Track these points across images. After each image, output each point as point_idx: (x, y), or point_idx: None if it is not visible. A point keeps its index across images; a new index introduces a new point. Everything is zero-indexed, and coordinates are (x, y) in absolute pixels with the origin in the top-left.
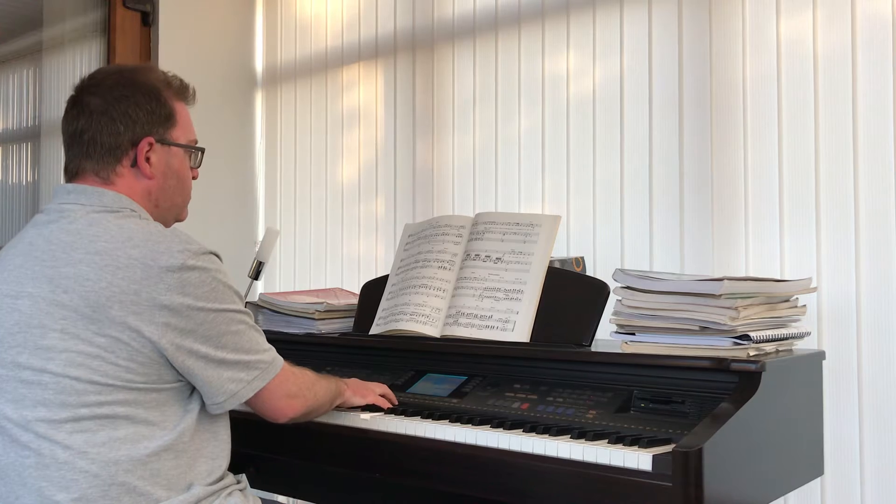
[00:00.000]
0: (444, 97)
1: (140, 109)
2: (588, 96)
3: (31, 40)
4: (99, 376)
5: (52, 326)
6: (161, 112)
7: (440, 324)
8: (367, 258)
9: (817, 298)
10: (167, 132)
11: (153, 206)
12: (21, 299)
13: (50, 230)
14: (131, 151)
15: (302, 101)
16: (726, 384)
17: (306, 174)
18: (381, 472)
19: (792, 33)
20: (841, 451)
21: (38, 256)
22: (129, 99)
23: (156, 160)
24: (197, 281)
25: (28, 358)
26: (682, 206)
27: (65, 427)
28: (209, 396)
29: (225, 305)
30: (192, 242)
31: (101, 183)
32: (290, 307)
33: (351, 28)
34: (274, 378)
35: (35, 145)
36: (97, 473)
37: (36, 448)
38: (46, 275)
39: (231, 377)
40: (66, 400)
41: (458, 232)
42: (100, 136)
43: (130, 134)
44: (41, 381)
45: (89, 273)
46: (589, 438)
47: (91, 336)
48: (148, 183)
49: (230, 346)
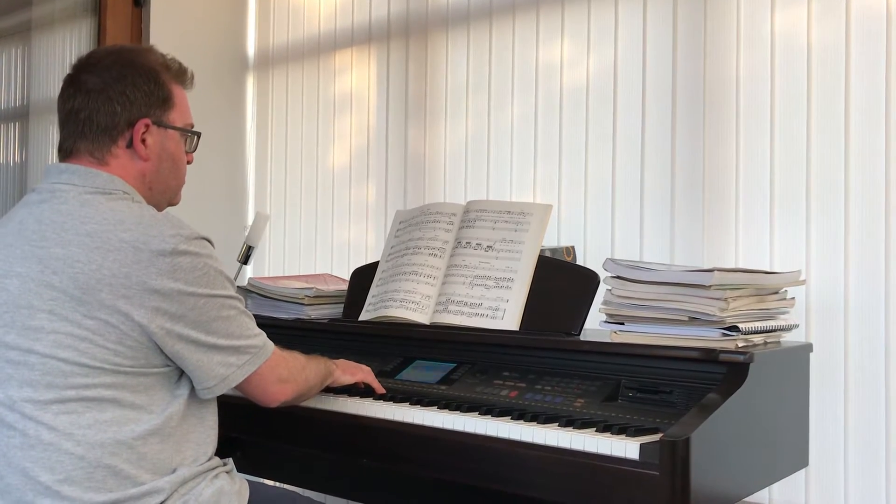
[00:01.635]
0: (436, 84)
1: (138, 90)
2: (581, 86)
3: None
4: (86, 358)
5: (41, 307)
6: (159, 94)
7: (430, 311)
8: (357, 244)
9: (806, 291)
10: (164, 114)
11: (147, 188)
12: (10, 279)
13: (41, 210)
14: (127, 132)
15: (294, 85)
16: (714, 375)
17: (297, 159)
18: (369, 458)
19: (786, 27)
20: (826, 442)
21: (28, 237)
22: (127, 79)
23: (151, 142)
24: (188, 266)
25: (15, 338)
26: (673, 197)
27: (51, 408)
28: (199, 381)
29: (216, 291)
30: (184, 227)
31: (96, 163)
32: (279, 292)
33: (344, 12)
34: (265, 363)
35: (24, 125)
36: (82, 455)
37: (21, 428)
38: (36, 255)
39: (221, 361)
40: (52, 381)
41: (449, 219)
42: (96, 116)
43: (127, 114)
44: (28, 361)
45: (79, 255)
46: (577, 427)
47: (80, 318)
48: (143, 165)
49: (220, 331)
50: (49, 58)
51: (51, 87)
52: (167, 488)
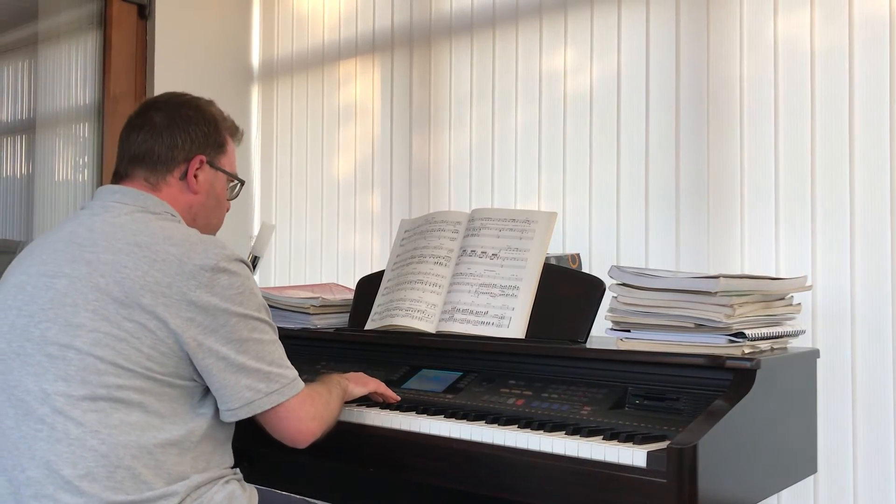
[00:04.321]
0: (440, 93)
1: (199, 131)
2: (585, 93)
3: (27, 32)
4: (122, 359)
5: (85, 306)
6: (216, 139)
7: (436, 319)
8: (362, 253)
9: (812, 297)
10: (217, 158)
11: (191, 219)
12: (58, 279)
13: (93, 221)
14: (183, 165)
15: (298, 95)
16: (721, 381)
17: (302, 169)
18: (376, 468)
19: (789, 31)
20: (834, 448)
21: (80, 243)
22: (192, 120)
23: (203, 178)
24: (227, 283)
25: (56, 333)
26: (678, 203)
27: (81, 404)
28: (224, 401)
29: (250, 312)
30: (227, 248)
31: (149, 188)
32: (285, 302)
33: (348, 23)
34: (294, 397)
35: (30, 138)
36: (106, 454)
37: (50, 422)
38: (86, 258)
39: (248, 385)
40: (86, 377)
41: (454, 228)
42: (158, 147)
43: (187, 149)
44: (66, 356)
45: (127, 262)
46: (583, 435)
47: (120, 320)
48: (192, 197)
49: (251, 352)
50: (55, 71)
51: (57, 100)
52: (181, 492)
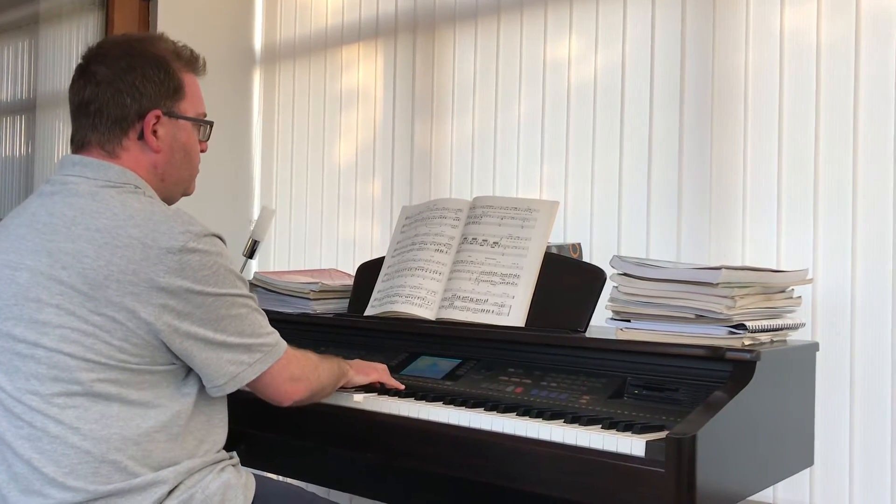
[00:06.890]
0: (443, 79)
1: (148, 81)
2: (589, 83)
3: (28, 11)
4: (92, 354)
5: (49, 301)
6: (169, 84)
7: (436, 306)
8: (362, 239)
9: (812, 290)
10: (175, 105)
11: (159, 180)
12: (20, 271)
13: (53, 202)
14: (138, 124)
15: (300, 80)
16: (720, 373)
17: (303, 154)
18: (374, 453)
19: (795, 24)
20: (831, 442)
21: (39, 229)
22: (137, 70)
23: (163, 133)
24: (197, 264)
25: (23, 331)
26: (680, 194)
27: (56, 402)
28: (209, 379)
29: (225, 290)
30: (194, 224)
31: (107, 156)
32: (284, 286)
33: (351, 7)
34: (277, 361)
35: (30, 118)
36: (88, 450)
37: (29, 420)
38: (46, 248)
39: (231, 359)
40: (58, 375)
41: (455, 215)
42: (106, 108)
43: (137, 106)
44: (35, 355)
45: (88, 250)
46: (582, 423)
47: (87, 314)
48: (154, 157)
49: (231, 329)
50: (56, 51)
51: (58, 81)
52: (171, 478)
